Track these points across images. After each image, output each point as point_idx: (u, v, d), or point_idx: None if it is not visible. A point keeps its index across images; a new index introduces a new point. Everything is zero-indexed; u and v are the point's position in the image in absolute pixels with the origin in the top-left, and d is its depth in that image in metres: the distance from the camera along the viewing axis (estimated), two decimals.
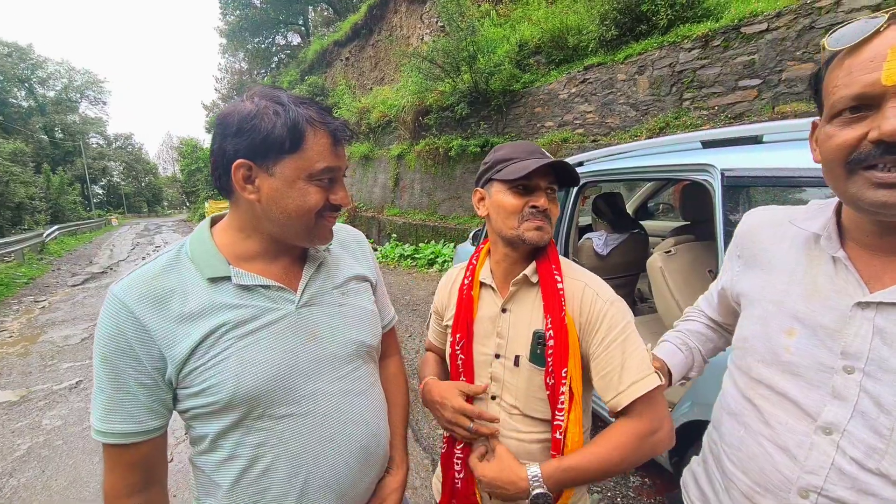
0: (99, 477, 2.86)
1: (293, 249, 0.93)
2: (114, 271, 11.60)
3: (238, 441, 0.83)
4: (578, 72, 7.28)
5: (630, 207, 4.31)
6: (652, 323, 2.77)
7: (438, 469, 1.22)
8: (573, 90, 7.38)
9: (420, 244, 9.44)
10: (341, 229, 1.10)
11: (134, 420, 0.78)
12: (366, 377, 0.99)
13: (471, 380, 1.10)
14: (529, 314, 1.05)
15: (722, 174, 1.78)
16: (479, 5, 10.82)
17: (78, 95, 52.52)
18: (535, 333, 1.02)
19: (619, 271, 3.14)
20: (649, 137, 5.74)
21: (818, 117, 0.74)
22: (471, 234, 4.32)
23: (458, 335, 1.11)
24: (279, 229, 0.86)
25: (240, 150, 0.79)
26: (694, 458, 1.00)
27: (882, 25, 0.61)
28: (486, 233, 1.11)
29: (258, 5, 30.71)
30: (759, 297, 0.84)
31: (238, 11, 31.20)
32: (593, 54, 7.21)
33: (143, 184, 69.74)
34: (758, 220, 0.92)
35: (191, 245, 0.86)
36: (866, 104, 0.62)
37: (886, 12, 0.61)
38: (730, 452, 0.85)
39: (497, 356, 1.07)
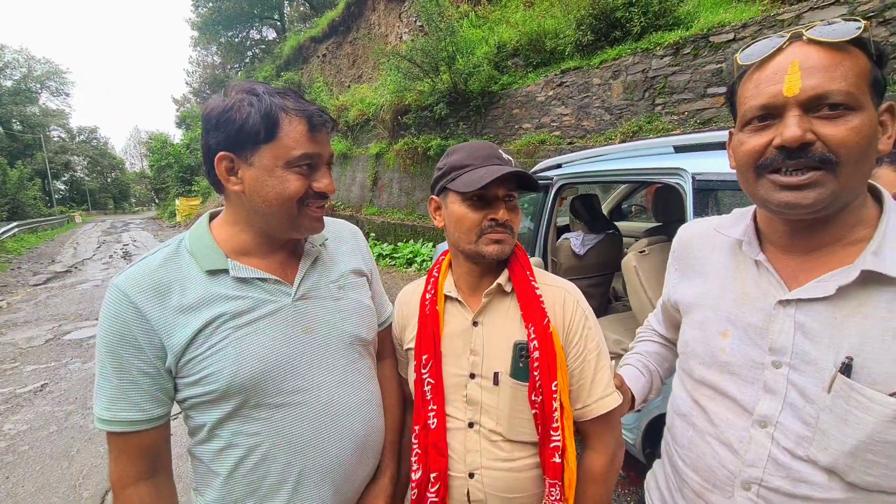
0: (69, 481, 2.78)
1: (288, 244, 0.95)
2: (79, 270, 11.16)
3: (235, 430, 0.85)
4: (555, 75, 7.41)
5: (605, 209, 4.43)
6: (626, 320, 2.87)
7: None
8: (550, 93, 7.51)
9: (399, 243, 9.43)
10: (336, 224, 1.11)
11: (138, 408, 0.80)
12: (362, 370, 1.00)
13: (442, 407, 0.98)
14: (504, 325, 0.97)
15: (693, 178, 1.87)
16: (458, 6, 10.87)
17: (38, 86, 49.99)
18: (516, 345, 0.94)
19: (596, 270, 3.24)
20: (623, 141, 5.90)
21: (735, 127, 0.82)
22: None
23: (424, 356, 0.99)
24: (265, 221, 0.87)
25: (220, 142, 0.82)
26: (656, 461, 1.04)
27: (784, 43, 0.69)
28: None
29: None
30: (698, 304, 0.89)
31: (211, 3, 30.40)
32: (570, 58, 7.35)
33: (108, 179, 67.14)
34: (691, 232, 0.99)
35: (190, 239, 0.89)
36: (771, 113, 0.69)
37: (787, 32, 0.70)
38: (681, 452, 0.89)
39: (472, 376, 0.97)
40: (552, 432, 0.90)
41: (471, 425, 0.96)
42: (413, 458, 1.00)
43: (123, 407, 0.80)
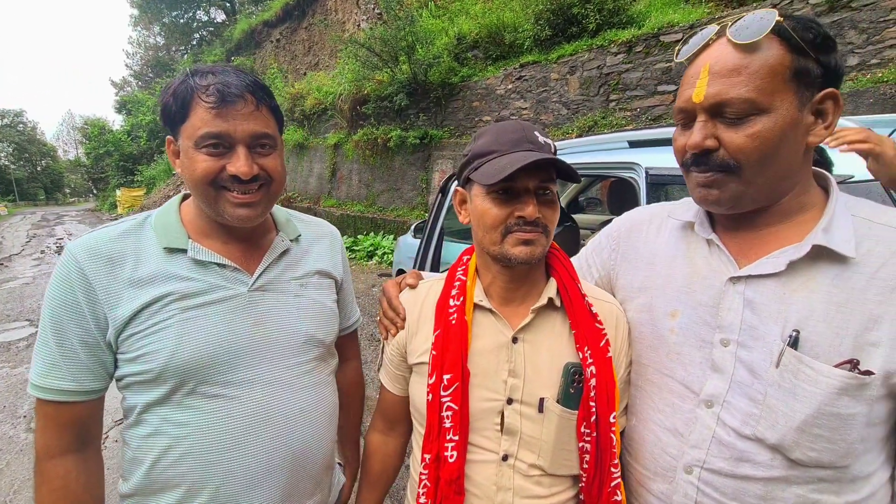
0: None
1: (252, 232, 0.92)
2: (5, 267, 10.23)
3: (164, 417, 0.82)
4: (514, 69, 7.48)
5: (563, 201, 4.54)
6: None
7: None
8: (510, 86, 7.58)
9: (359, 236, 9.28)
10: (317, 224, 1.09)
11: (73, 379, 0.78)
12: (313, 374, 0.95)
13: (465, 438, 0.82)
14: (551, 344, 0.85)
15: (646, 172, 1.94)
16: None
17: None
18: (568, 367, 0.82)
19: None
20: (579, 135, 6.06)
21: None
22: (412, 227, 4.32)
23: (447, 376, 0.82)
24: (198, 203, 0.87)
25: (165, 126, 0.84)
26: None
27: (711, 39, 0.70)
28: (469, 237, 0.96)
29: None
30: (644, 287, 0.90)
31: None
32: (528, 52, 7.44)
33: (38, 168, 61.90)
34: (640, 217, 0.99)
35: (157, 215, 0.88)
36: (688, 118, 0.73)
37: (719, 23, 0.69)
38: (626, 444, 0.90)
39: (510, 401, 0.83)
40: (612, 469, 0.81)
41: (505, 458, 0.83)
42: (420, 490, 0.85)
43: (58, 375, 0.77)
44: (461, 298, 0.87)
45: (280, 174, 0.87)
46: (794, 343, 0.67)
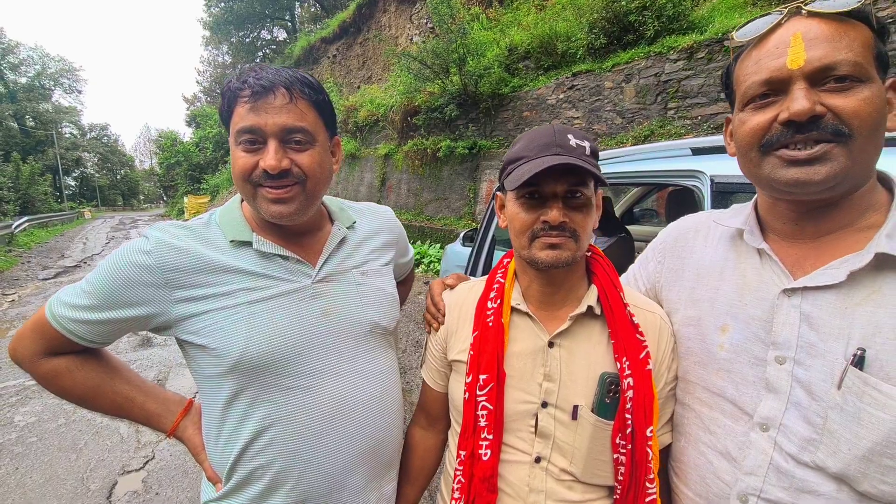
0: (76, 473, 2.79)
1: (306, 226, 0.93)
2: (88, 265, 11.25)
3: (244, 412, 0.84)
4: (567, 78, 7.39)
5: (617, 212, 4.40)
6: None
7: None
8: (561, 96, 7.49)
9: None
10: (368, 208, 1.10)
11: (95, 333, 0.83)
12: (379, 361, 0.97)
13: (499, 438, 0.84)
14: (588, 351, 0.84)
15: (711, 180, 1.84)
16: (469, 8, 10.87)
17: (51, 83, 50.60)
18: (603, 377, 0.81)
19: None
20: (635, 145, 5.87)
21: (731, 114, 0.78)
22: (461, 235, 4.33)
23: (483, 377, 0.83)
24: None
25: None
26: None
27: (783, 18, 0.66)
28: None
29: None
30: (692, 299, 0.84)
31: (223, 3, 30.71)
32: (581, 61, 7.33)
33: (118, 176, 67.83)
34: (685, 227, 0.93)
35: (220, 212, 0.91)
36: (774, 89, 0.66)
37: (785, 7, 0.66)
38: (673, 465, 0.84)
39: (545, 405, 0.84)
40: (648, 483, 0.80)
41: (538, 460, 0.84)
42: (455, 485, 0.87)
43: (82, 322, 0.81)
44: (498, 301, 0.88)
45: (316, 171, 0.84)
46: (859, 362, 0.61)
